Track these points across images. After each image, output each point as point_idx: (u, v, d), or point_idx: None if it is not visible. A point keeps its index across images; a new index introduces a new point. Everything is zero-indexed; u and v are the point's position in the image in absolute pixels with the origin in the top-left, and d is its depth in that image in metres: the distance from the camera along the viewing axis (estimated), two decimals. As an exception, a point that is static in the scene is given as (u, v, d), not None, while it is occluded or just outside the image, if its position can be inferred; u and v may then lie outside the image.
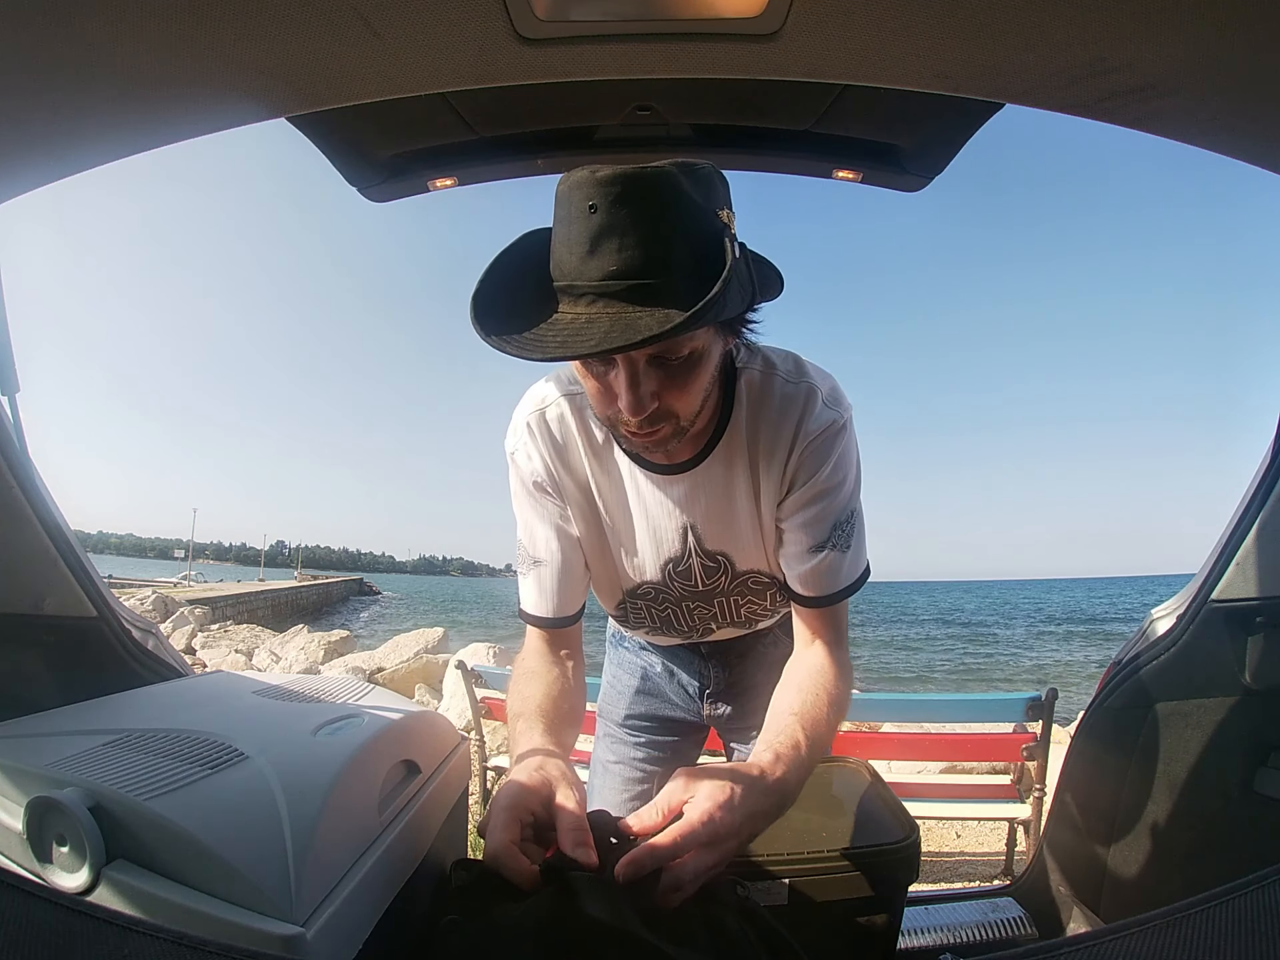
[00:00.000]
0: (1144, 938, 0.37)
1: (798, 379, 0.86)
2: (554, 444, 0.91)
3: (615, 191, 0.64)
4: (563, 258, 0.68)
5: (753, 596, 0.99)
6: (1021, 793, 2.68)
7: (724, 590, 0.97)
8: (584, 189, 0.65)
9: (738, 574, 0.95)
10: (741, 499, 0.89)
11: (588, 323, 0.65)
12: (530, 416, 0.91)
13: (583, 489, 0.92)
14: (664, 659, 1.21)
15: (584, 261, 0.65)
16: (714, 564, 0.94)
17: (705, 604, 1.00)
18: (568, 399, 0.90)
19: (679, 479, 0.89)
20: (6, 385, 0.98)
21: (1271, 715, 1.17)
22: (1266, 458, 1.14)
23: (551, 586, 0.94)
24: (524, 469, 0.93)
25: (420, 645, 8.59)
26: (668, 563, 0.94)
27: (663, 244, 0.65)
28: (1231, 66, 0.69)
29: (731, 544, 0.92)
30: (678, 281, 0.64)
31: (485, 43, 0.70)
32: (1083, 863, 1.42)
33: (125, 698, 0.85)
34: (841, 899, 0.74)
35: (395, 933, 0.64)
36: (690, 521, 0.91)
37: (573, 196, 0.66)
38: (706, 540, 0.92)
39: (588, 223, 0.64)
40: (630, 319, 0.63)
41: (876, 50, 0.71)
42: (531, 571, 0.96)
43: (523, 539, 0.97)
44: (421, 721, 0.84)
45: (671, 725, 1.22)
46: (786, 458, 0.86)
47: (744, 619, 1.03)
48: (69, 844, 0.54)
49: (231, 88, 0.74)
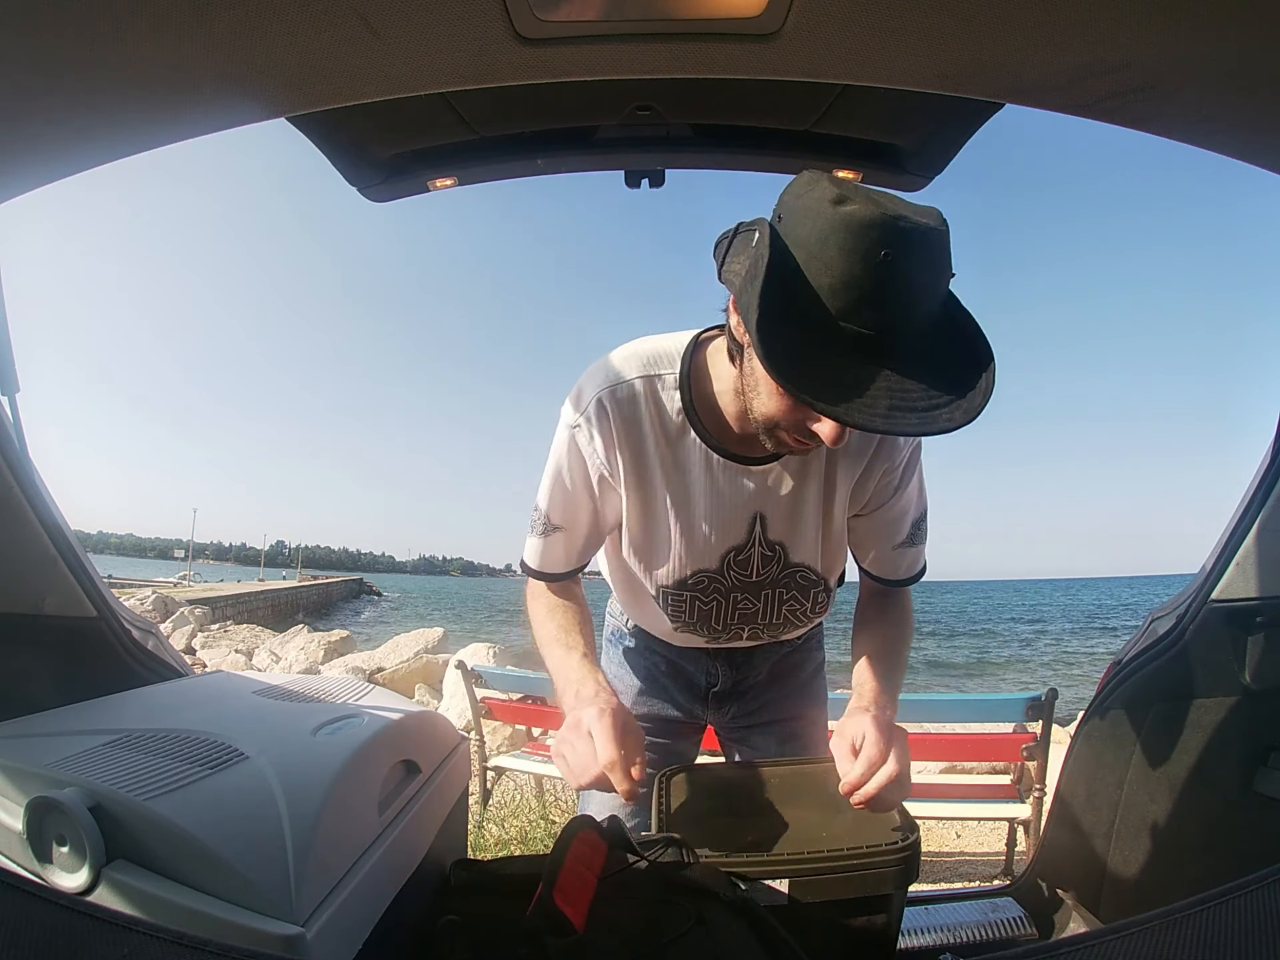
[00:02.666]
0: (1144, 938, 0.37)
1: None
2: (623, 424, 0.90)
3: (911, 241, 0.65)
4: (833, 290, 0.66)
5: (797, 592, 1.00)
6: (1021, 793, 2.68)
7: (773, 581, 0.99)
8: (876, 230, 0.64)
9: (790, 565, 0.98)
10: (812, 495, 0.94)
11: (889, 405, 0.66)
12: (602, 392, 0.90)
13: (647, 473, 0.93)
14: (670, 657, 1.19)
15: (861, 306, 0.66)
16: (771, 553, 0.97)
17: (753, 597, 1.00)
18: (644, 380, 0.91)
19: (760, 470, 0.92)
20: (6, 385, 0.98)
21: (1271, 715, 1.17)
22: (1266, 457, 1.14)
23: (572, 550, 1.00)
24: (583, 446, 0.93)
25: (420, 645, 8.58)
26: (730, 551, 0.96)
27: (932, 307, 0.70)
28: (1231, 66, 0.69)
29: (791, 535, 0.96)
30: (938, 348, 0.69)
31: (485, 43, 0.70)
32: (1083, 863, 1.42)
33: (125, 698, 0.85)
34: (841, 899, 0.74)
35: (395, 933, 0.64)
36: (761, 511, 0.94)
37: (860, 233, 0.64)
38: (771, 530, 0.95)
39: (876, 269, 0.64)
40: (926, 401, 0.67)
41: (876, 50, 0.71)
42: (554, 534, 0.99)
43: (552, 502, 0.98)
44: (421, 721, 0.84)
45: (670, 727, 1.21)
46: (866, 464, 0.92)
47: (782, 619, 1.03)
48: (69, 844, 0.54)
49: (231, 88, 0.74)
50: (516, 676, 3.68)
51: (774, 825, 0.81)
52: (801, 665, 1.21)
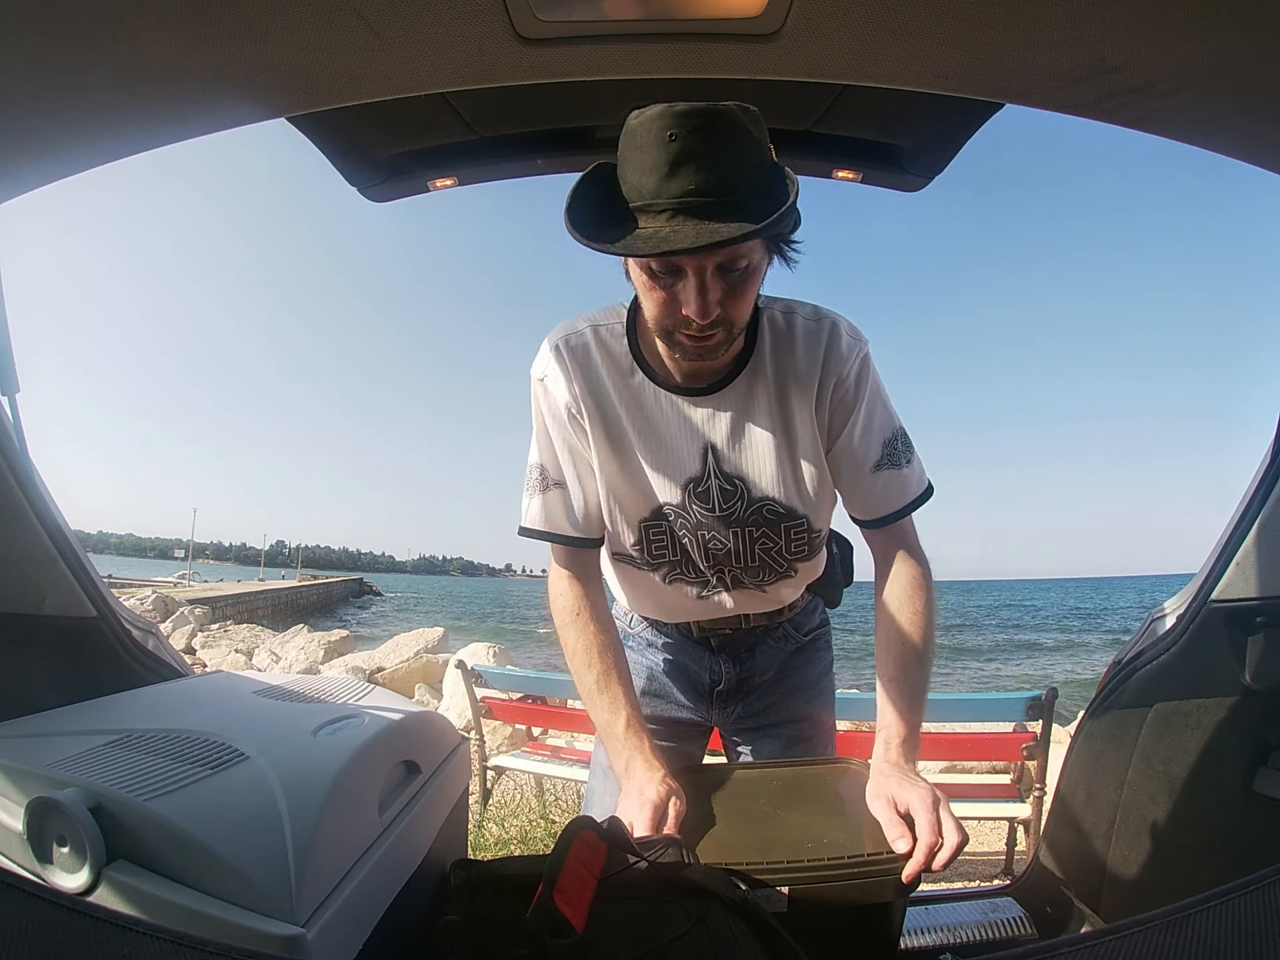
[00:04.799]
0: (1144, 938, 0.37)
1: (817, 317, 0.98)
2: (581, 366, 0.98)
3: (693, 123, 0.74)
4: (641, 181, 0.77)
5: (768, 529, 1.01)
6: (1021, 792, 2.68)
7: (740, 518, 1.00)
8: (662, 119, 0.75)
9: (753, 500, 0.99)
10: (762, 426, 0.97)
11: (673, 231, 0.75)
12: (559, 340, 0.99)
13: (610, 410, 0.99)
14: (671, 657, 1.18)
15: (664, 182, 0.75)
16: (731, 487, 0.99)
17: (721, 535, 1.01)
18: (592, 330, 1.00)
19: (703, 401, 0.97)
20: (6, 385, 0.98)
21: (1271, 715, 1.17)
22: (1266, 457, 1.14)
23: (577, 504, 1.03)
24: (554, 393, 1.00)
25: (420, 645, 8.58)
26: (689, 482, 0.99)
27: (734, 168, 0.76)
28: (1231, 66, 0.69)
29: (749, 468, 0.98)
30: (746, 201, 0.75)
31: (485, 43, 0.70)
32: (1083, 863, 1.42)
33: (125, 698, 0.85)
34: (842, 905, 0.74)
35: (395, 933, 0.64)
36: (710, 442, 0.98)
37: (650, 127, 0.76)
38: (725, 462, 0.98)
39: (667, 149, 0.74)
40: (710, 228, 0.74)
41: (876, 50, 0.71)
42: (553, 490, 1.04)
43: (544, 454, 1.04)
44: (421, 721, 0.84)
45: (676, 728, 1.20)
46: (818, 386, 0.95)
47: (758, 561, 1.03)
48: (69, 844, 0.54)
49: (231, 88, 0.74)
50: (516, 676, 3.68)
51: (775, 828, 0.81)
52: (809, 664, 1.19)
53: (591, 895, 0.59)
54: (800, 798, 0.88)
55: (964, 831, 0.77)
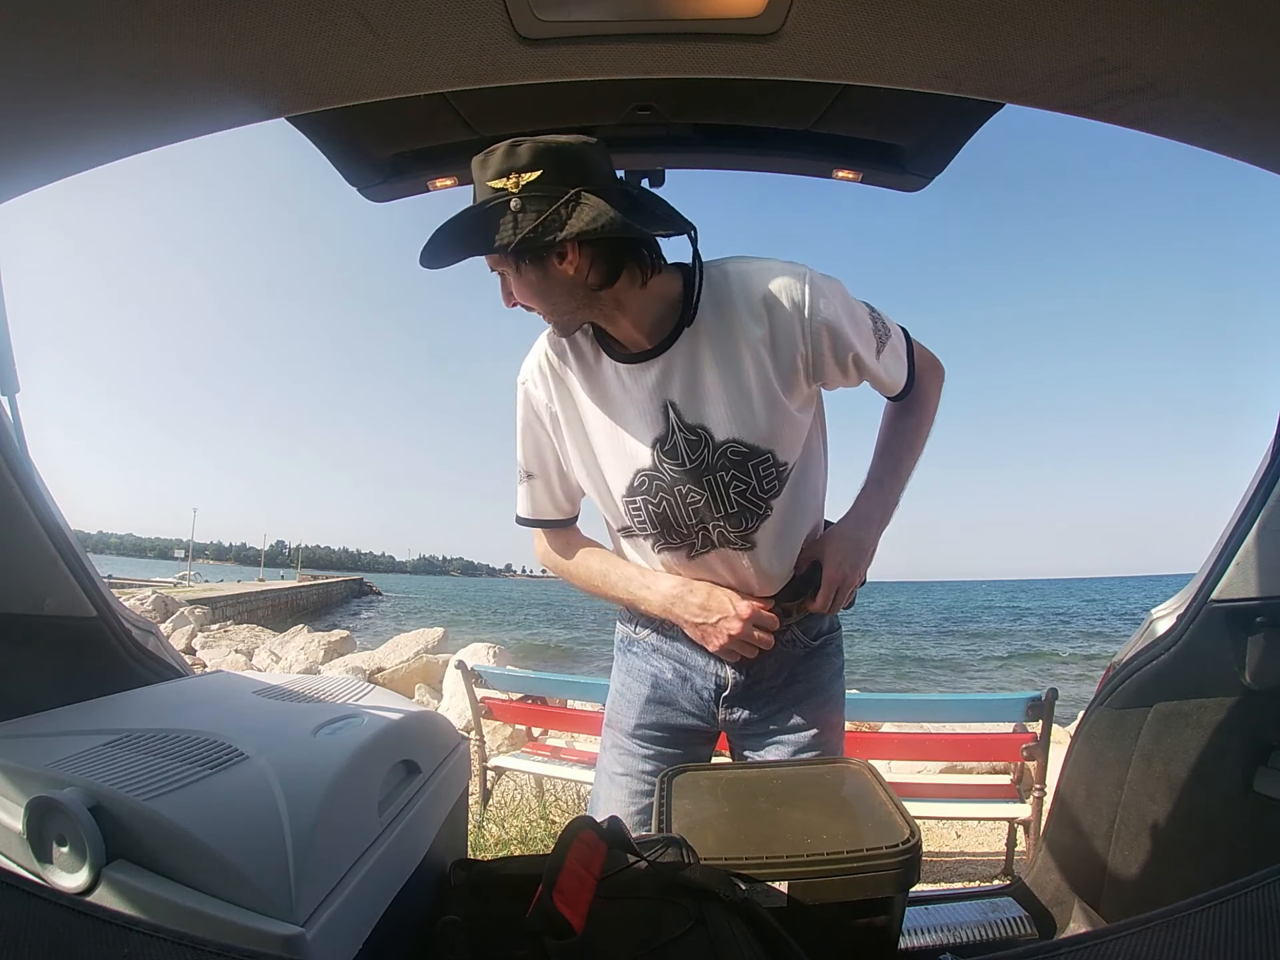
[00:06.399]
0: (1144, 938, 0.37)
1: (749, 263, 1.05)
2: (555, 370, 1.10)
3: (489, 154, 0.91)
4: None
5: (737, 471, 1.04)
6: (1021, 793, 2.68)
7: (709, 465, 1.04)
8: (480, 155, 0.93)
9: (718, 444, 1.04)
10: (712, 373, 1.03)
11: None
12: (540, 345, 1.12)
13: (581, 399, 1.10)
14: (676, 663, 1.17)
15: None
16: (695, 437, 1.04)
17: (696, 487, 1.05)
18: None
19: (652, 363, 1.04)
20: (6, 385, 0.98)
21: (1271, 715, 1.17)
22: (1266, 457, 1.14)
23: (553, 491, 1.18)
24: (532, 396, 1.13)
25: (420, 645, 8.58)
26: (656, 442, 1.05)
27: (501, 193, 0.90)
28: (1231, 66, 0.69)
29: (708, 415, 1.04)
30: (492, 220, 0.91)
31: (485, 43, 0.70)
32: (1083, 863, 1.42)
33: (125, 698, 0.85)
34: (841, 901, 0.74)
35: (395, 933, 0.64)
36: (668, 399, 1.04)
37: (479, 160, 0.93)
38: (686, 414, 1.04)
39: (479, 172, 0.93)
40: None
41: (876, 50, 0.71)
42: (532, 480, 1.19)
43: (525, 452, 1.18)
44: (421, 721, 0.84)
45: (682, 735, 1.19)
46: (767, 325, 1.01)
47: (737, 507, 1.05)
48: (69, 844, 0.54)
49: (231, 88, 0.74)
50: (516, 676, 3.68)
51: (774, 826, 0.81)
52: (818, 669, 1.17)
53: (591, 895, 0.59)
54: (801, 796, 0.88)
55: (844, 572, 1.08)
